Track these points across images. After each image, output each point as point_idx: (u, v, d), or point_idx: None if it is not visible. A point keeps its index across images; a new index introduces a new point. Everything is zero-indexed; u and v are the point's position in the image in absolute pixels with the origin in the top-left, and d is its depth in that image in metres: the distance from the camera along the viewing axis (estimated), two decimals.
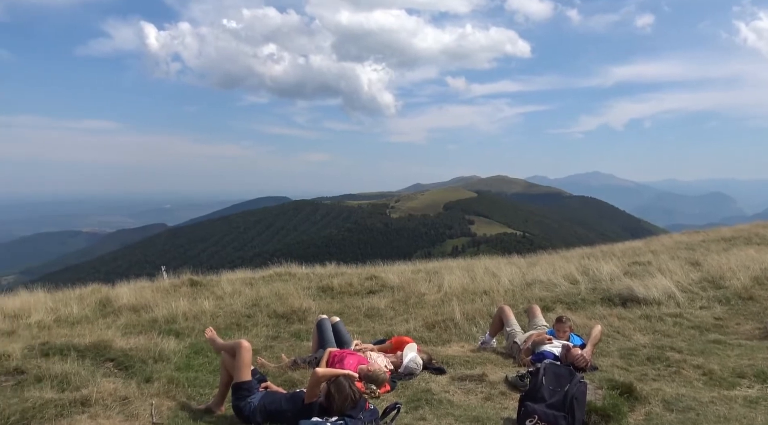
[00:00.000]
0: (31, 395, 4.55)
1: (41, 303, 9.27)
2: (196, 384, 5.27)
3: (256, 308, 8.64)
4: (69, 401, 4.46)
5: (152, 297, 9.52)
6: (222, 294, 9.89)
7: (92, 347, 6.09)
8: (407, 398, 4.84)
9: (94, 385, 4.78)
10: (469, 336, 7.00)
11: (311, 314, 8.21)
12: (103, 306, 9.25)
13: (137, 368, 5.54)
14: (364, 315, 8.29)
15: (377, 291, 9.81)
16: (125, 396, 4.70)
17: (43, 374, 5.15)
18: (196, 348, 6.40)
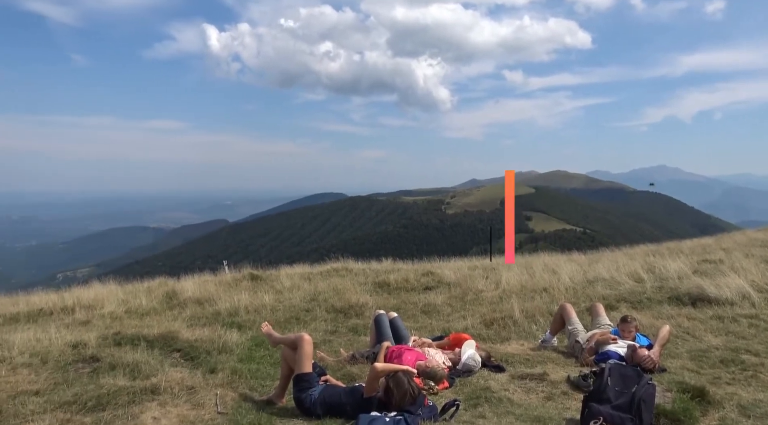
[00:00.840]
0: (105, 382, 4.79)
1: (113, 295, 9.76)
2: (258, 375, 5.40)
3: (314, 302, 8.78)
4: (140, 389, 4.67)
5: (215, 290, 9.86)
6: (281, 288, 10.11)
7: (160, 338, 6.36)
8: (466, 395, 4.79)
9: (162, 374, 4.97)
10: (528, 334, 6.86)
11: (368, 309, 8.27)
12: (169, 298, 9.64)
13: (202, 359, 5.73)
14: (421, 311, 8.27)
15: (433, 287, 9.78)
16: (192, 385, 4.87)
17: (116, 362, 5.40)
18: (258, 341, 6.55)
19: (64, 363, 5.60)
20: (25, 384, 4.94)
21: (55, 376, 5.22)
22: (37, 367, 5.48)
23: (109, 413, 4.24)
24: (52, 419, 4.11)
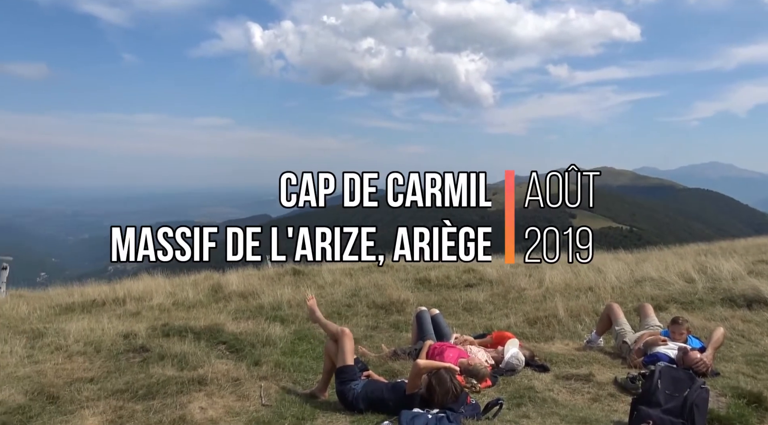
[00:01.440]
0: (155, 371, 4.94)
1: (161, 288, 10.05)
2: (301, 369, 5.46)
3: (355, 298, 8.83)
4: (187, 379, 4.79)
5: (258, 284, 10.02)
6: (323, 283, 10.21)
7: (206, 330, 6.51)
8: (509, 394, 4.73)
9: (209, 366, 5.10)
10: (573, 334, 6.72)
11: (409, 305, 8.27)
12: (214, 291, 9.86)
13: (247, 351, 5.84)
14: (463, 308, 8.21)
15: (475, 284, 9.70)
16: (237, 377, 4.97)
17: (164, 353, 5.56)
18: (300, 335, 6.63)
19: (116, 353, 5.81)
20: (80, 371, 5.15)
21: (108, 365, 5.42)
22: (91, 356, 5.71)
23: (158, 402, 4.37)
24: (106, 406, 4.27)
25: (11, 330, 6.77)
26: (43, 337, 6.38)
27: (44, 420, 4.04)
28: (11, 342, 6.04)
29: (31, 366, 5.33)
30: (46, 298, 9.86)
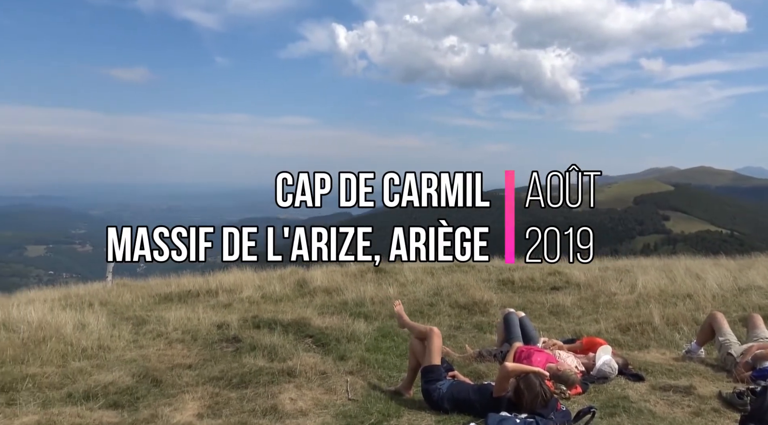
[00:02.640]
0: (247, 361, 5.16)
1: (250, 281, 10.47)
2: (385, 366, 5.51)
3: (437, 297, 8.80)
4: (277, 370, 4.97)
5: (342, 280, 10.22)
6: (405, 281, 10.25)
7: (294, 323, 6.72)
8: (601, 403, 4.53)
9: (297, 358, 5.25)
10: (670, 343, 6.33)
11: (493, 307, 8.13)
12: (300, 286, 10.15)
13: (332, 346, 5.97)
14: (549, 311, 7.97)
15: (561, 287, 9.39)
16: (324, 371, 5.09)
17: (255, 344, 5.80)
18: (384, 332, 6.69)
19: (211, 341, 6.11)
20: (180, 357, 5.47)
21: (204, 353, 5.72)
22: (188, 343, 6.04)
23: (251, 391, 4.56)
24: (203, 392, 4.51)
25: (118, 316, 7.29)
26: (146, 324, 6.82)
27: (149, 402, 4.33)
28: (119, 327, 6.51)
29: (137, 350, 5.72)
30: (146, 288, 10.54)
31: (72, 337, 5.74)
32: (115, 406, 4.25)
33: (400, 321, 5.16)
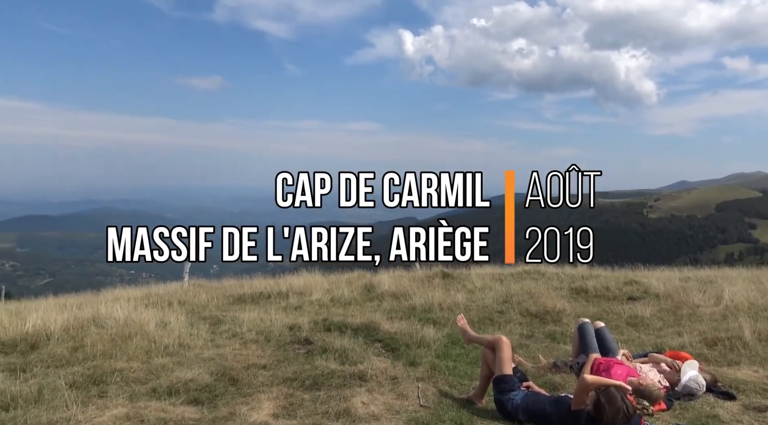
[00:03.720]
0: (319, 364, 5.23)
1: (319, 284, 10.65)
2: (455, 373, 5.44)
3: (507, 305, 8.62)
4: (349, 374, 5.01)
5: (409, 286, 10.21)
6: (473, 288, 10.11)
7: (363, 327, 6.76)
8: (688, 421, 4.28)
9: (368, 362, 5.27)
10: (764, 360, 5.89)
11: (566, 316, 7.89)
12: (367, 290, 10.22)
13: (402, 351, 5.96)
14: (626, 322, 7.63)
15: (639, 297, 8.98)
16: (394, 376, 5.08)
17: (326, 346, 5.87)
18: (453, 339, 6.61)
19: (284, 343, 6.25)
20: (254, 358, 5.62)
21: (277, 354, 5.85)
22: (262, 344, 6.20)
23: (324, 393, 4.61)
24: (278, 392, 4.61)
25: (195, 316, 7.59)
26: (221, 324, 7.06)
27: (227, 400, 4.46)
28: (197, 326, 6.76)
29: (214, 349, 5.92)
30: (221, 289, 10.94)
31: (155, 335, 6.02)
32: (196, 403, 4.40)
33: (465, 337, 5.10)
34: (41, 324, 6.26)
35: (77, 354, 5.48)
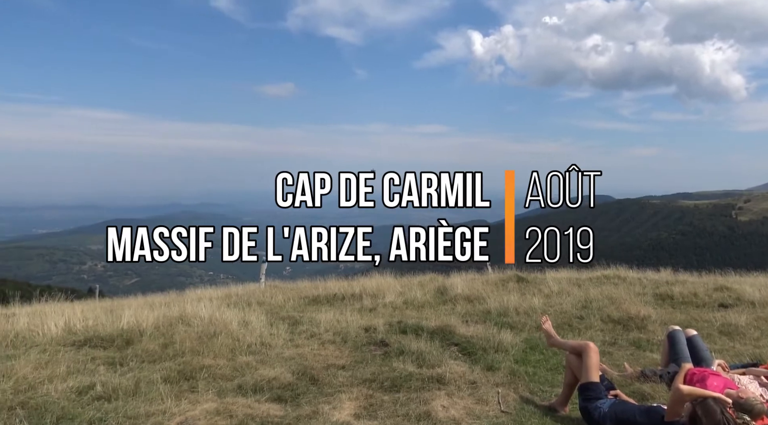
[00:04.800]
0: (397, 366, 5.25)
1: (391, 286, 10.70)
2: (535, 379, 5.32)
3: (586, 310, 8.33)
4: (427, 376, 4.99)
5: (483, 289, 10.07)
6: (549, 292, 9.86)
7: (439, 330, 6.73)
8: None
9: (446, 366, 5.24)
10: None
11: (651, 323, 7.53)
12: (440, 293, 10.17)
13: (479, 355, 5.88)
14: (719, 331, 7.19)
15: (731, 305, 8.45)
16: (473, 380, 5.02)
17: (403, 348, 5.88)
18: (531, 344, 6.47)
19: (360, 344, 6.31)
20: (333, 358, 5.71)
21: (354, 354, 5.92)
22: (339, 345, 6.29)
23: (403, 395, 4.62)
24: (358, 393, 4.66)
25: (274, 316, 7.81)
26: (299, 325, 7.22)
27: (309, 399, 4.56)
28: (276, 326, 6.96)
29: (294, 349, 6.07)
30: (296, 290, 11.22)
31: (238, 333, 6.25)
32: (279, 400, 4.53)
33: (550, 341, 4.94)
34: (134, 322, 6.64)
35: (168, 350, 5.77)
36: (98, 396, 4.49)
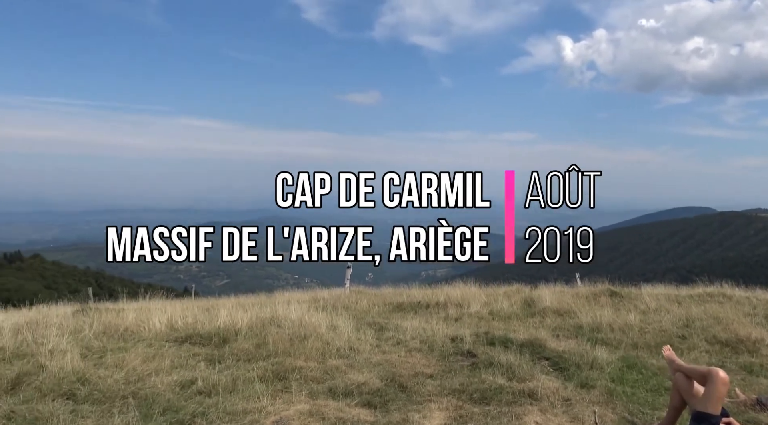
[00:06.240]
0: (486, 378, 5.14)
1: (476, 296, 10.54)
2: (635, 400, 5.02)
3: (689, 329, 7.79)
4: (518, 390, 4.85)
5: (573, 302, 9.70)
6: (645, 309, 9.34)
7: (528, 343, 6.54)
8: None
9: (537, 380, 5.07)
10: None
11: (764, 346, 6.93)
12: (527, 305, 9.90)
13: (572, 371, 5.64)
14: None
15: None
16: (567, 397, 4.82)
17: (491, 360, 5.76)
18: (629, 362, 6.12)
19: (447, 354, 6.25)
20: (420, 366, 5.69)
21: (442, 364, 5.86)
22: (426, 353, 6.27)
23: (493, 408, 4.52)
24: (448, 403, 4.60)
25: (360, 321, 7.91)
26: (385, 331, 7.27)
27: (399, 406, 4.56)
28: (363, 331, 7.04)
29: (381, 355, 6.11)
30: (380, 296, 11.31)
31: (327, 337, 6.38)
32: (369, 406, 4.56)
33: (673, 366, 4.42)
34: (230, 321, 6.96)
35: (261, 350, 5.99)
36: (199, 390, 4.73)
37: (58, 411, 4.13)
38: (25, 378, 4.87)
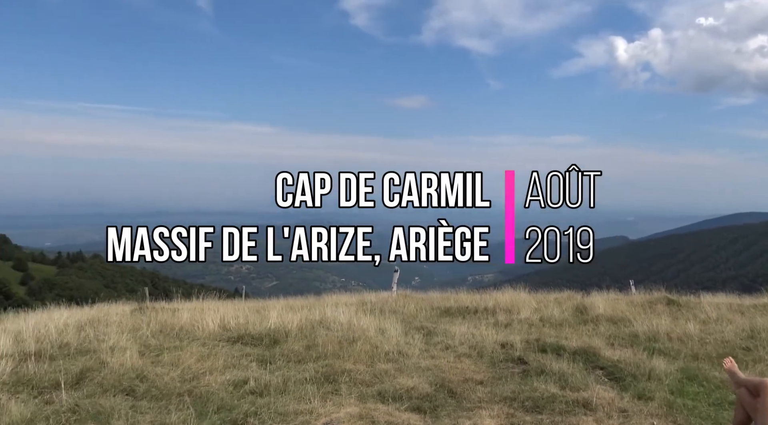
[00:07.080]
0: (538, 386, 5.02)
1: (526, 302, 10.32)
2: (695, 413, 4.80)
3: (754, 341, 7.41)
4: (571, 400, 4.72)
5: (628, 311, 9.38)
6: (706, 318, 8.94)
7: (581, 351, 6.37)
8: None
9: (592, 390, 4.92)
10: None
11: None
12: (579, 312, 9.62)
13: (628, 382, 5.46)
14: None
15: None
16: (624, 408, 4.66)
17: (543, 368, 5.63)
18: (689, 374, 5.87)
19: (497, 360, 6.16)
20: (470, 372, 5.62)
21: (492, 370, 5.78)
22: (475, 359, 6.19)
23: (546, 417, 4.41)
24: (499, 411, 4.52)
25: (408, 325, 7.88)
26: (434, 336, 7.21)
27: (448, 412, 4.51)
28: (411, 335, 7.02)
29: (430, 359, 6.06)
30: (427, 300, 11.23)
31: (376, 340, 6.39)
32: (418, 410, 4.53)
33: (734, 380, 4.19)
34: (280, 323, 7.07)
35: (311, 351, 6.05)
36: (251, 390, 4.82)
37: (118, 406, 4.29)
38: (88, 374, 5.08)
